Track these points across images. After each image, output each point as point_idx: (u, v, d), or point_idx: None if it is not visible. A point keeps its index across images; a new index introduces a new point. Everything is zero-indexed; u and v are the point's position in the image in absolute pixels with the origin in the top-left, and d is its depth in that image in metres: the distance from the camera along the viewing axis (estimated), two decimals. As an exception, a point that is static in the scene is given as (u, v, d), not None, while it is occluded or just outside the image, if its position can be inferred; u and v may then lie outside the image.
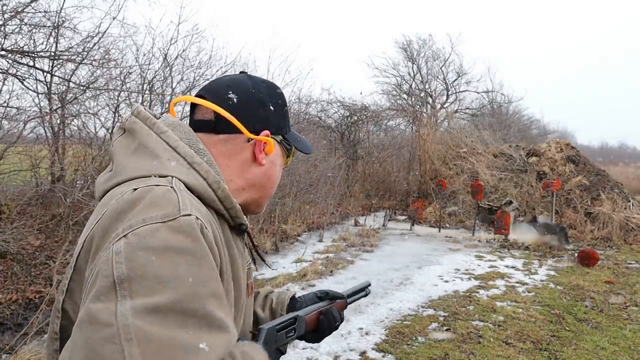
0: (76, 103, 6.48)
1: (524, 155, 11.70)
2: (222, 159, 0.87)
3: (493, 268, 6.64)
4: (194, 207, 0.72)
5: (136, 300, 0.61)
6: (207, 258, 0.68)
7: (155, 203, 0.69)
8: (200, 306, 0.64)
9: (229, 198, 0.82)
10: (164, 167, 0.77)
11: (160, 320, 0.60)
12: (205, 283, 0.66)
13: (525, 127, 25.63)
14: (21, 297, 4.27)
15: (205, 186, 0.79)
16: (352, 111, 14.19)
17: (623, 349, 3.90)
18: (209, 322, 0.65)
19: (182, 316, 0.62)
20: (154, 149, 0.79)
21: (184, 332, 0.61)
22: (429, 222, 10.69)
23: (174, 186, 0.73)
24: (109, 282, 0.62)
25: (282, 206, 8.68)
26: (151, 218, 0.67)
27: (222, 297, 0.69)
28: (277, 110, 0.93)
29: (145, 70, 7.32)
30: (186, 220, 0.68)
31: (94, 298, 0.62)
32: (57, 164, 6.30)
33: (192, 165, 0.79)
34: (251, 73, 0.97)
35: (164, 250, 0.64)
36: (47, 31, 5.87)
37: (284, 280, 5.62)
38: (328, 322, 1.10)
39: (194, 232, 0.67)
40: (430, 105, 21.91)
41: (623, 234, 8.91)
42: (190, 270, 0.65)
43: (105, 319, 0.60)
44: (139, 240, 0.64)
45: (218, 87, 0.90)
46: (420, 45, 22.14)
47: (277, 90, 0.95)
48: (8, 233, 4.80)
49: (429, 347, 3.83)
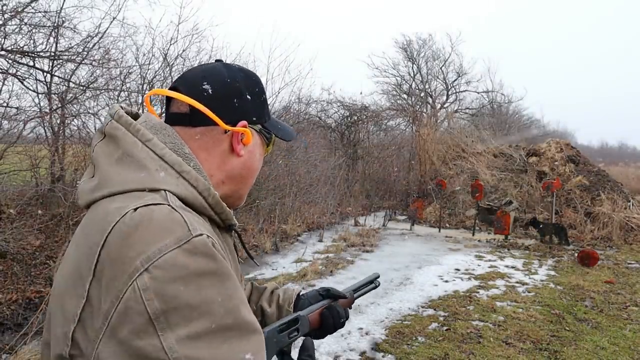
0: (76, 103, 6.47)
1: (524, 155, 11.70)
2: (200, 153, 0.85)
3: (493, 268, 6.64)
4: (198, 223, 0.72)
5: (177, 331, 0.63)
6: (227, 272, 0.70)
7: (163, 226, 0.68)
8: (235, 318, 0.68)
9: (219, 204, 0.82)
10: (154, 180, 0.75)
11: (205, 344, 0.64)
12: (232, 296, 0.69)
13: (525, 127, 25.63)
14: (21, 297, 4.27)
15: (195, 195, 0.78)
16: (352, 111, 14.19)
17: (623, 349, 3.90)
18: (246, 329, 0.69)
19: (222, 333, 0.66)
20: (140, 159, 0.77)
21: (228, 346, 0.66)
22: (429, 222, 10.70)
23: (171, 204, 0.72)
24: (145, 320, 0.63)
25: (282, 206, 8.69)
26: (166, 246, 0.66)
27: (246, 300, 0.72)
28: (255, 99, 0.91)
29: (145, 70, 7.33)
30: (200, 241, 0.68)
31: (133, 335, 0.63)
32: (57, 164, 6.30)
33: (182, 174, 0.78)
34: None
35: (188, 277, 0.65)
36: (47, 31, 5.87)
37: (284, 280, 5.63)
38: (333, 319, 1.11)
39: (211, 252, 0.69)
40: (430, 105, 21.92)
41: (623, 234, 8.91)
42: (217, 290, 0.67)
43: (154, 354, 0.62)
44: (162, 273, 0.65)
45: (192, 77, 0.87)
46: (420, 45, 22.18)
47: (254, 78, 0.92)
48: (8, 233, 4.80)
49: (429, 347, 3.83)
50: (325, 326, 1.11)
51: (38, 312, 3.67)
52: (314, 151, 11.22)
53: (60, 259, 4.50)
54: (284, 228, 8.33)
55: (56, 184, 6.16)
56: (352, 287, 1.26)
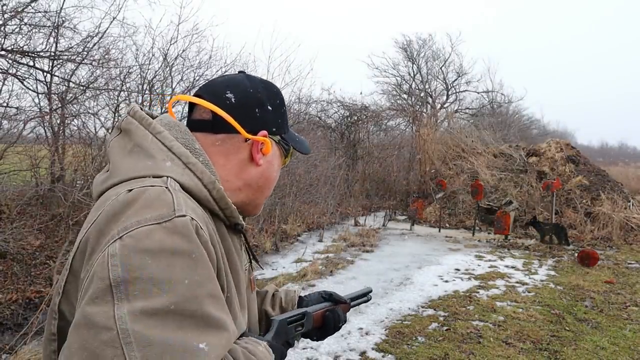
0: (76, 103, 6.47)
1: (524, 155, 11.70)
2: (219, 159, 0.86)
3: (493, 268, 6.64)
4: (189, 207, 0.72)
5: (133, 303, 0.61)
6: (203, 259, 0.68)
7: (149, 204, 0.69)
8: (198, 307, 0.64)
9: (224, 199, 0.82)
10: (159, 168, 0.77)
11: (158, 323, 0.61)
12: (201, 284, 0.66)
13: (525, 127, 25.62)
14: (21, 297, 4.27)
15: (200, 187, 0.79)
16: (352, 111, 14.19)
17: (623, 349, 3.90)
18: (207, 322, 0.65)
19: (180, 318, 0.63)
20: (149, 149, 0.79)
21: (182, 333, 0.62)
22: (429, 222, 10.70)
23: (169, 186, 0.73)
24: (105, 285, 0.62)
25: (282, 206, 8.68)
26: (146, 220, 0.66)
27: (220, 296, 0.70)
28: (276, 110, 0.92)
29: (145, 70, 7.32)
30: (181, 221, 0.67)
31: (90, 301, 0.62)
32: (57, 164, 6.30)
33: (188, 166, 0.79)
34: (251, 73, 0.97)
35: (159, 252, 0.64)
36: (47, 31, 5.87)
37: (284, 280, 5.62)
38: (334, 321, 1.13)
39: (189, 233, 0.67)
40: (430, 105, 21.92)
41: (623, 234, 8.91)
42: (186, 272, 0.65)
43: (103, 322, 0.60)
44: (134, 242, 0.64)
45: (216, 86, 0.89)
46: (420, 45, 22.17)
47: (275, 90, 0.94)
48: (8, 233, 4.79)
49: (429, 347, 3.83)
50: (326, 327, 1.13)
51: (38, 312, 3.67)
52: (314, 151, 11.22)
53: (61, 258, 4.50)
54: (284, 228, 8.33)
55: (56, 184, 6.15)
56: (349, 296, 1.30)
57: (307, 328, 1.07)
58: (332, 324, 1.13)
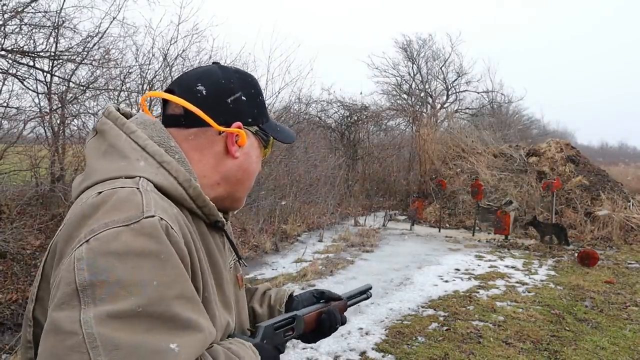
0: (76, 103, 6.47)
1: (524, 155, 11.70)
2: (194, 154, 0.84)
3: (493, 268, 6.64)
4: (159, 207, 0.70)
5: (100, 307, 0.60)
6: (172, 259, 0.66)
7: (118, 206, 0.67)
8: (166, 309, 0.63)
9: (201, 196, 0.80)
10: (133, 168, 0.76)
11: (125, 326, 0.60)
12: (170, 285, 0.65)
13: (525, 127, 25.62)
14: (21, 297, 4.27)
15: (175, 185, 0.77)
16: (352, 111, 14.18)
17: (623, 349, 3.90)
18: (177, 323, 0.64)
19: (148, 320, 0.61)
20: (123, 149, 0.78)
21: (150, 336, 0.61)
22: (429, 222, 10.70)
23: (139, 187, 0.71)
24: (71, 290, 0.61)
25: (282, 206, 8.68)
26: (114, 222, 0.65)
27: (192, 297, 0.68)
28: (251, 100, 0.90)
29: (145, 70, 7.32)
30: (149, 222, 0.66)
31: (57, 307, 0.61)
32: (57, 164, 6.30)
33: (162, 165, 0.77)
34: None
35: (126, 254, 0.63)
36: (47, 31, 5.87)
37: (284, 280, 5.63)
38: (330, 323, 1.08)
39: (157, 234, 0.66)
40: (430, 105, 21.92)
41: (623, 234, 8.91)
42: (154, 273, 0.63)
43: (69, 327, 0.59)
44: (100, 245, 0.63)
45: (187, 79, 0.87)
46: (420, 45, 22.15)
47: (249, 79, 0.91)
48: (8, 233, 4.80)
49: (429, 347, 3.83)
50: (321, 330, 1.08)
51: (38, 312, 3.66)
52: (314, 151, 11.22)
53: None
54: (284, 228, 8.33)
55: (56, 184, 6.16)
56: (346, 294, 1.24)
57: (298, 332, 1.01)
58: (327, 326, 1.08)
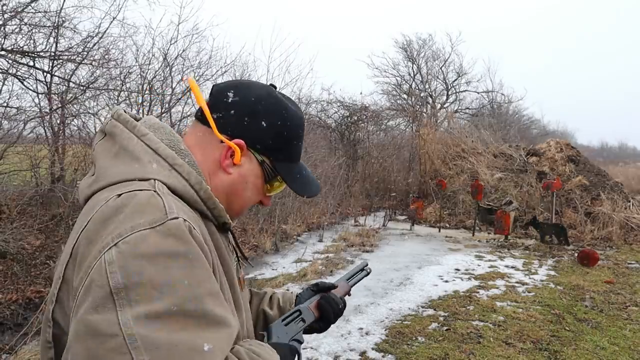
0: (76, 103, 6.47)
1: (524, 155, 11.70)
2: (197, 151, 0.86)
3: (493, 268, 6.64)
4: (180, 209, 0.72)
5: (136, 308, 0.61)
6: (200, 259, 0.69)
7: (141, 209, 0.69)
8: (199, 306, 0.65)
9: (211, 199, 0.81)
10: (146, 170, 0.77)
11: (163, 326, 0.62)
12: (200, 283, 0.67)
13: (525, 127, 25.61)
14: (21, 297, 4.27)
15: (187, 188, 0.78)
16: (352, 111, 14.18)
17: (623, 349, 3.89)
18: (209, 320, 0.66)
19: (183, 318, 0.63)
20: (135, 152, 0.79)
21: (186, 333, 0.63)
22: (429, 222, 10.69)
23: (157, 190, 0.73)
24: (105, 293, 0.62)
25: (282, 206, 8.68)
26: (139, 225, 0.66)
27: (219, 294, 0.71)
28: (271, 130, 0.88)
29: (145, 70, 7.33)
30: (175, 224, 0.68)
31: (92, 309, 0.62)
32: (57, 164, 6.30)
33: (174, 167, 0.79)
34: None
35: (156, 256, 0.65)
36: (47, 31, 5.88)
37: (284, 280, 5.63)
38: (330, 306, 1.11)
39: (184, 235, 0.68)
40: (430, 105, 21.91)
41: (623, 234, 8.90)
42: (185, 272, 0.66)
43: (108, 330, 0.60)
44: (130, 248, 0.64)
45: (231, 83, 0.90)
46: (420, 45, 22.14)
47: (284, 113, 0.89)
48: (8, 233, 4.80)
49: (429, 347, 3.83)
50: (325, 315, 1.11)
51: (38, 312, 3.67)
52: (314, 151, 11.22)
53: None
54: (283, 228, 8.33)
55: (56, 184, 6.16)
56: (344, 277, 1.28)
57: (309, 320, 1.07)
58: (329, 310, 1.11)
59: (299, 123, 0.92)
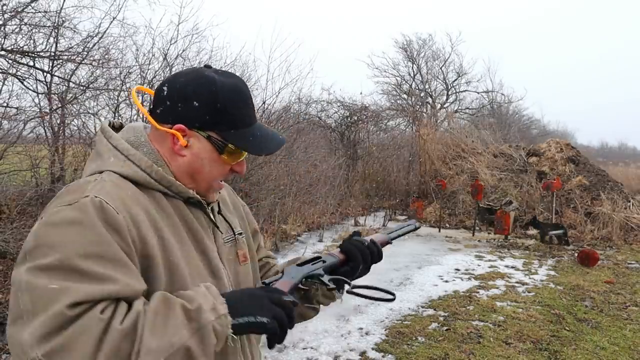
0: (76, 103, 6.46)
1: (524, 155, 11.70)
2: (155, 144, 0.97)
3: (493, 268, 6.64)
4: (103, 191, 0.85)
5: (31, 262, 0.77)
6: (96, 227, 0.80)
7: (68, 193, 0.86)
8: (79, 263, 0.76)
9: (164, 178, 0.92)
10: (104, 164, 0.92)
11: (45, 276, 0.76)
12: (87, 245, 0.78)
13: (525, 127, 25.61)
14: (21, 297, 4.26)
15: (139, 172, 0.91)
16: (352, 111, 14.18)
17: (623, 349, 3.89)
18: (83, 275, 0.76)
19: (65, 272, 0.76)
20: (100, 151, 0.95)
21: (60, 282, 0.75)
22: (429, 222, 10.69)
23: (100, 178, 0.88)
24: (23, 253, 0.80)
25: (282, 206, 8.68)
26: (61, 203, 0.83)
27: (111, 257, 0.79)
28: (204, 108, 0.93)
29: (145, 70, 7.31)
30: (84, 200, 0.82)
31: (15, 265, 0.81)
32: (57, 164, 6.30)
33: (128, 157, 0.92)
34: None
35: (59, 224, 0.80)
36: (47, 31, 5.87)
37: (284, 280, 5.62)
38: (354, 246, 1.13)
39: (86, 208, 0.81)
40: (430, 105, 21.93)
41: (623, 234, 8.90)
42: (76, 236, 0.78)
43: (15, 278, 0.79)
44: (46, 219, 0.81)
45: (165, 80, 0.99)
46: (420, 45, 22.16)
47: (212, 87, 0.94)
48: (8, 233, 4.79)
49: (429, 347, 3.83)
50: (351, 257, 1.12)
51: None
52: (314, 151, 11.21)
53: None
54: (283, 228, 8.33)
55: (56, 184, 6.15)
56: (389, 231, 1.28)
57: (330, 261, 1.06)
58: (354, 250, 1.11)
59: (233, 89, 0.96)
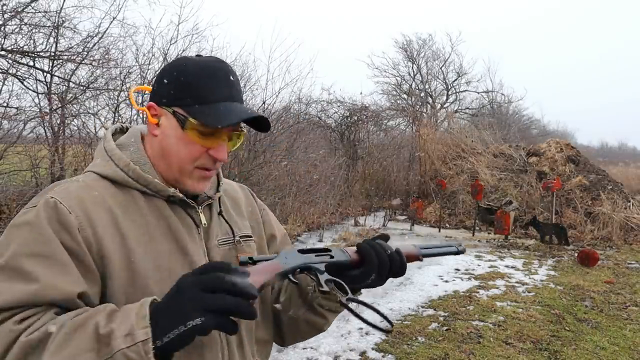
0: (76, 103, 6.47)
1: (524, 155, 11.70)
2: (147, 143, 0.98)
3: (493, 268, 6.64)
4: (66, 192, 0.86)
5: None
6: (41, 226, 0.81)
7: (39, 195, 0.88)
8: (21, 262, 0.78)
9: (141, 176, 0.92)
10: (92, 166, 0.95)
11: None
12: (31, 244, 0.80)
13: (525, 127, 25.61)
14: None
15: (118, 172, 0.92)
16: (352, 111, 14.18)
17: (623, 349, 3.89)
18: (17, 273, 0.78)
19: (6, 270, 0.78)
20: (95, 154, 0.98)
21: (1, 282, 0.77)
22: (429, 222, 10.69)
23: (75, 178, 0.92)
24: None
25: (282, 206, 8.68)
26: (30, 204, 0.86)
27: (47, 256, 0.79)
28: (170, 84, 0.92)
29: (145, 70, 7.31)
30: (41, 202, 0.84)
31: None
32: (57, 163, 6.29)
33: (111, 158, 0.93)
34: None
35: (16, 225, 0.83)
36: (47, 31, 5.88)
37: (284, 280, 5.62)
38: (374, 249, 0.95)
39: (38, 210, 0.83)
40: (430, 105, 21.93)
41: (623, 234, 8.90)
42: (21, 237, 0.81)
43: None
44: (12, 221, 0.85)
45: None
46: (420, 45, 22.16)
47: (177, 62, 0.94)
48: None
49: (429, 347, 3.83)
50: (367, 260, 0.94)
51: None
52: (314, 151, 11.22)
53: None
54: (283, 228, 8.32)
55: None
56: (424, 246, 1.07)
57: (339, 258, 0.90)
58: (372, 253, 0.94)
59: (202, 66, 0.92)
